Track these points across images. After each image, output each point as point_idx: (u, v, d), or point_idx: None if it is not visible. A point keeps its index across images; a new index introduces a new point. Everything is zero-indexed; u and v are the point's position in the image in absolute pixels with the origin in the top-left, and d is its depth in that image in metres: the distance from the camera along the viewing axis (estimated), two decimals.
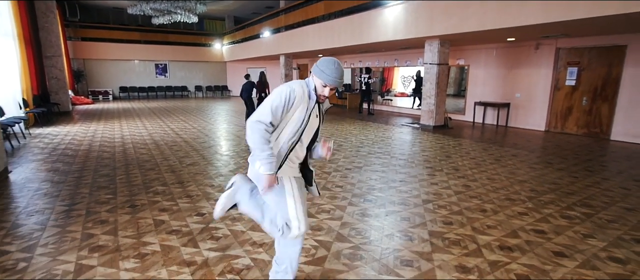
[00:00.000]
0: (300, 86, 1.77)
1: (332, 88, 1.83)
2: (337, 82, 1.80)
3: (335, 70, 1.78)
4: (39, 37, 11.17)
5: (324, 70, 1.78)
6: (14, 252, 2.61)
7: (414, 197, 3.83)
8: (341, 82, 1.82)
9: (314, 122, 1.88)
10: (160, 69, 20.70)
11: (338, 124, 9.67)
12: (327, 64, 1.79)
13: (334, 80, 1.79)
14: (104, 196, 3.83)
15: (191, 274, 2.33)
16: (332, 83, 1.79)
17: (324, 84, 1.80)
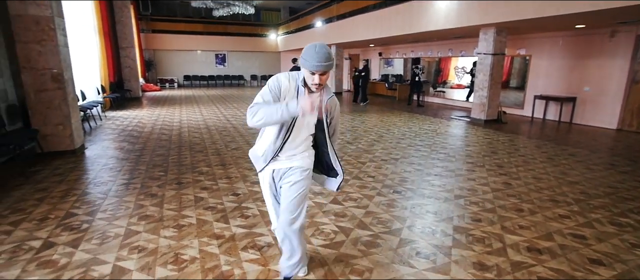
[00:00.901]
0: (285, 77, 1.81)
1: (321, 74, 1.69)
2: (319, 66, 1.65)
3: (316, 54, 1.65)
4: (116, 31, 12.50)
5: (305, 58, 1.67)
6: (80, 215, 3.09)
7: (446, 192, 3.74)
8: (326, 65, 1.65)
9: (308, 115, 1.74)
10: (219, 59, 21.97)
11: (383, 115, 9.56)
12: (307, 51, 1.68)
13: (315, 65, 1.65)
14: (157, 173, 4.29)
15: (218, 246, 2.57)
16: (314, 68, 1.66)
17: (311, 72, 1.70)
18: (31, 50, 4.71)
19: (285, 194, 1.93)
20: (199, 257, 2.42)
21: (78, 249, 2.51)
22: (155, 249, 2.52)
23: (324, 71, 1.69)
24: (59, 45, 4.83)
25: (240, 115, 9.22)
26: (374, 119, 8.85)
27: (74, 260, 2.37)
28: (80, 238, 2.67)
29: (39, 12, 4.66)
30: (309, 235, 2.76)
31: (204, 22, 21.06)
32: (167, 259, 2.40)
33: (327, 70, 1.70)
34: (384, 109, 11.00)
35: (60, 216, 3.04)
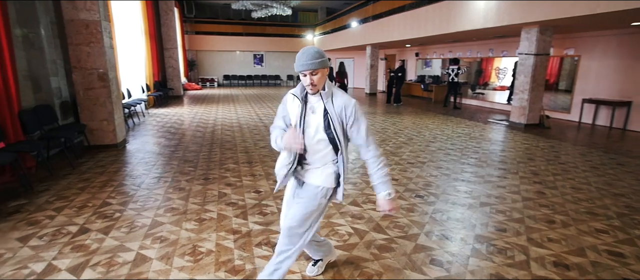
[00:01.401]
0: (291, 94, 1.83)
1: (311, 73, 1.70)
2: (304, 65, 1.67)
3: (301, 55, 1.69)
4: (161, 33, 13.26)
5: (295, 62, 1.72)
6: (114, 204, 3.32)
7: (472, 198, 3.59)
8: (310, 63, 1.67)
9: (310, 118, 1.78)
10: (257, 59, 22.55)
11: (416, 117, 9.33)
12: (297, 55, 1.72)
13: (300, 65, 1.69)
14: (187, 168, 4.51)
15: (234, 241, 2.66)
16: (300, 68, 1.69)
17: (302, 74, 1.72)
18: (81, 51, 5.14)
19: (293, 208, 1.86)
20: (214, 250, 2.52)
21: (108, 236, 2.71)
22: (176, 240, 2.66)
23: (311, 70, 1.68)
24: (104, 46, 5.23)
25: (273, 114, 9.42)
26: (405, 120, 8.67)
27: (103, 245, 2.57)
28: (111, 226, 2.88)
29: (89, 17, 5.07)
30: (324, 235, 2.78)
31: (243, 23, 21.73)
32: (185, 250, 2.52)
33: (314, 69, 1.69)
34: (418, 110, 10.73)
35: (97, 205, 3.30)
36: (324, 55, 1.72)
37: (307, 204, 1.82)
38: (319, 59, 1.69)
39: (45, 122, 4.76)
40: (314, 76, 1.71)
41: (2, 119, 3.89)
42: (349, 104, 1.77)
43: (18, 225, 2.86)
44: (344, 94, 1.80)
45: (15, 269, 2.27)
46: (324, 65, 1.72)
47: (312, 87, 1.73)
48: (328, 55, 12.26)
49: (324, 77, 1.75)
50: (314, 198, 1.83)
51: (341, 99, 1.77)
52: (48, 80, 5.16)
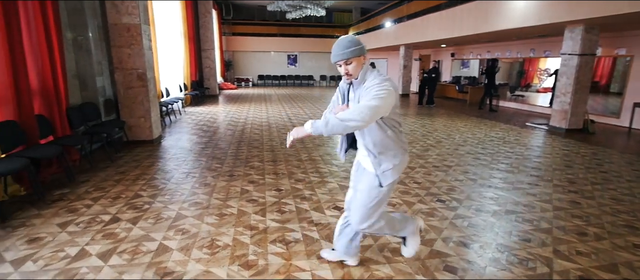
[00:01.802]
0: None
1: (345, 62, 1.75)
2: (336, 56, 1.75)
3: (335, 46, 1.77)
4: (199, 34, 13.85)
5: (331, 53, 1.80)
6: (144, 197, 3.54)
7: (498, 205, 3.44)
8: (342, 54, 1.72)
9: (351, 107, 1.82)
10: (291, 60, 22.89)
11: (448, 119, 9.05)
12: (332, 46, 1.79)
13: (333, 56, 1.77)
14: (214, 165, 4.70)
15: (250, 237, 2.75)
16: (333, 59, 1.79)
17: (337, 64, 1.80)
18: (123, 53, 5.50)
19: (353, 197, 2.07)
20: (231, 245, 2.62)
21: (136, 226, 2.90)
22: (196, 233, 2.79)
23: (343, 60, 1.73)
24: (144, 48, 5.57)
25: (302, 115, 9.54)
26: (436, 123, 8.44)
27: (131, 234, 2.75)
28: (139, 217, 3.07)
29: (130, 21, 5.42)
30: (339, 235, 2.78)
31: (278, 24, 22.14)
32: (204, 243, 2.65)
33: (347, 59, 1.72)
34: (451, 112, 10.40)
35: (129, 196, 3.53)
36: (357, 43, 1.72)
37: (365, 195, 1.95)
38: (351, 47, 1.70)
39: (90, 118, 5.15)
40: (348, 66, 1.74)
41: (51, 115, 4.26)
42: (373, 83, 1.70)
43: (59, 212, 3.13)
44: (375, 77, 1.75)
45: (53, 251, 2.49)
46: (358, 54, 1.72)
47: (347, 76, 1.78)
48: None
49: (360, 66, 1.76)
50: (369, 189, 1.94)
51: (371, 80, 1.73)
52: (94, 80, 5.57)
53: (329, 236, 2.78)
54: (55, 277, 2.19)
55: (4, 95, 3.57)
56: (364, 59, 1.79)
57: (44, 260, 2.38)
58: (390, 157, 1.88)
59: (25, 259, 2.39)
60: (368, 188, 1.95)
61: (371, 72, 1.79)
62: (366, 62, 1.82)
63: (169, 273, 2.26)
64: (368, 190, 1.95)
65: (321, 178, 4.20)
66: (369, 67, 1.82)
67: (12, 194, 3.48)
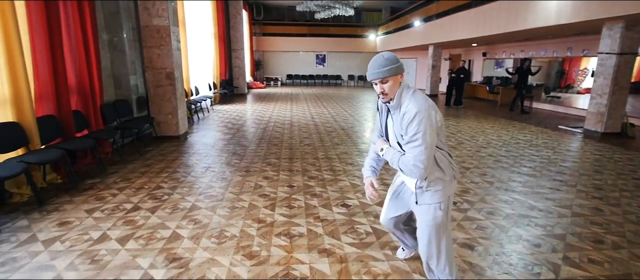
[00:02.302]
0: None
1: (381, 81, 1.67)
2: (371, 74, 1.69)
3: (371, 64, 1.70)
4: (230, 35, 14.30)
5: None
6: (165, 188, 3.77)
7: (512, 209, 3.35)
8: (378, 72, 1.65)
9: (390, 129, 1.83)
10: (320, 59, 23.04)
11: (474, 120, 8.78)
12: (369, 64, 1.73)
13: (369, 74, 1.70)
14: (234, 161, 4.89)
15: (257, 229, 2.87)
16: (370, 77, 1.71)
17: (374, 83, 1.72)
18: (153, 53, 5.85)
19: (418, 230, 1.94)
20: (237, 236, 2.75)
21: (154, 215, 3.10)
22: (207, 224, 2.95)
23: (379, 78, 1.66)
24: (172, 49, 5.88)
25: (326, 114, 9.62)
26: (461, 124, 8.22)
27: (148, 222, 2.95)
28: (158, 207, 3.29)
29: (160, 23, 5.75)
30: (342, 232, 2.85)
31: (307, 24, 22.35)
32: (213, 233, 2.80)
33: (383, 78, 1.65)
34: (479, 114, 10.08)
35: (151, 187, 3.78)
36: (394, 62, 1.65)
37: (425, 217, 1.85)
38: (387, 66, 1.64)
39: (122, 114, 5.52)
40: (384, 84, 1.67)
41: (87, 110, 4.62)
42: (411, 111, 1.62)
43: (88, 200, 3.41)
44: (413, 101, 1.65)
45: (79, 234, 2.74)
46: (395, 72, 1.65)
47: (383, 95, 1.70)
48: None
49: (397, 85, 1.69)
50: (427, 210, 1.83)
51: (406, 106, 1.66)
52: (127, 78, 5.95)
53: (333, 232, 2.84)
54: (77, 257, 2.41)
55: (45, 92, 3.93)
56: (401, 78, 1.71)
57: (70, 241, 2.63)
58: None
59: (54, 239, 2.65)
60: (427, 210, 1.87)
61: (407, 93, 1.70)
62: (403, 81, 1.73)
63: (177, 259, 2.42)
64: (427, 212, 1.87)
65: (334, 176, 4.27)
66: (406, 87, 1.73)
67: (49, 182, 3.82)
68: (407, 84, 1.75)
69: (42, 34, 3.75)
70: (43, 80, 3.86)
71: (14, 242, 2.61)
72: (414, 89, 1.75)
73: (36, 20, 3.70)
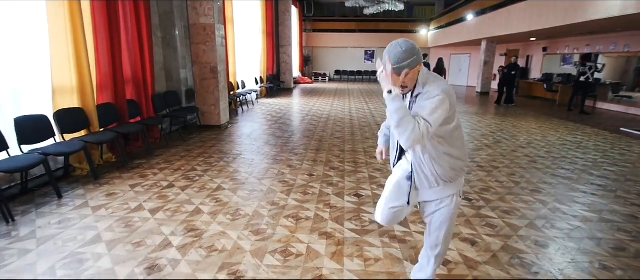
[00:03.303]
0: None
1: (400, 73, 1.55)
2: (398, 66, 1.54)
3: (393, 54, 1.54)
4: (278, 31, 14.85)
5: None
6: (198, 170, 4.19)
7: (531, 210, 3.22)
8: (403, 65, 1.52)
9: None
10: (368, 55, 22.91)
11: (522, 120, 8.24)
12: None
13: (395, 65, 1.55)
14: (264, 150, 5.21)
15: (268, 211, 3.12)
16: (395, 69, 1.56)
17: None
18: (199, 49, 6.39)
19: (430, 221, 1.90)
20: (250, 215, 3.02)
21: (183, 192, 3.50)
22: (227, 203, 3.26)
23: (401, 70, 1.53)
24: (216, 45, 6.37)
25: (365, 109, 9.67)
26: (506, 122, 7.79)
27: (178, 198, 3.35)
28: (188, 186, 3.68)
29: (206, 21, 6.25)
30: (347, 219, 2.99)
31: (357, 20, 22.32)
32: (229, 211, 3.10)
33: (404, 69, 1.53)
34: (530, 113, 9.42)
35: (187, 169, 4.21)
36: (413, 54, 1.53)
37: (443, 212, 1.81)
38: (408, 59, 1.52)
39: (171, 104, 6.12)
40: (405, 77, 1.55)
41: (140, 100, 5.23)
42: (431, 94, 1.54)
43: (133, 177, 3.93)
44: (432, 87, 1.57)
45: (121, 204, 3.20)
46: (413, 65, 1.54)
47: (403, 88, 1.60)
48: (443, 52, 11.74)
49: (416, 75, 1.59)
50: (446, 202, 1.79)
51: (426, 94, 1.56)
52: (178, 72, 6.56)
53: (338, 218, 2.99)
54: (115, 222, 2.85)
55: (105, 83, 4.54)
56: (420, 67, 1.59)
57: (112, 209, 3.09)
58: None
59: (101, 207, 3.13)
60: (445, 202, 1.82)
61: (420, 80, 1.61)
62: (422, 69, 1.62)
63: (194, 229, 2.75)
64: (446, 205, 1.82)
65: (355, 168, 4.38)
66: (424, 72, 1.63)
67: (105, 160, 4.44)
68: (426, 71, 1.65)
69: (103, 31, 4.35)
70: (103, 73, 4.47)
71: (71, 206, 3.14)
72: (435, 76, 1.67)
73: (99, 20, 4.30)
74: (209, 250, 2.47)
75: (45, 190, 3.47)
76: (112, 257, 2.35)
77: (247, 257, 2.39)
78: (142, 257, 2.36)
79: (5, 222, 2.81)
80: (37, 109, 3.74)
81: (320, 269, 2.28)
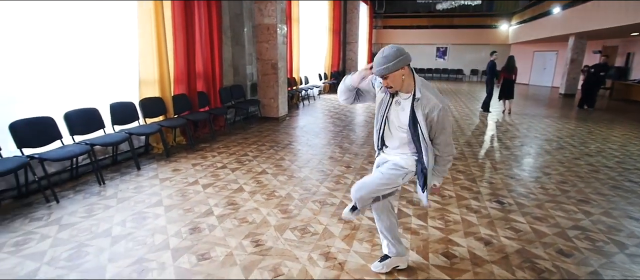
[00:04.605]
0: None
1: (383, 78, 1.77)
2: (376, 71, 1.75)
3: (375, 60, 1.75)
4: (346, 29, 15.13)
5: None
6: (249, 156, 4.72)
7: (569, 219, 3.05)
8: (378, 71, 1.73)
9: (396, 111, 1.89)
10: (440, 52, 21.95)
11: (604, 126, 7.32)
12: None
13: (374, 70, 1.77)
14: (312, 141, 5.59)
15: (299, 195, 3.46)
16: (375, 73, 1.78)
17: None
18: (262, 47, 7.00)
19: (371, 176, 2.06)
20: (283, 196, 3.40)
21: (233, 173, 4.03)
22: (266, 185, 3.69)
23: (379, 75, 1.75)
24: (278, 43, 6.91)
25: None
26: (581, 128, 7.02)
27: (226, 177, 3.88)
28: (238, 168, 4.21)
29: (269, 21, 6.83)
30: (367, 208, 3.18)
31: (429, 16, 21.53)
32: (266, 191, 3.52)
33: (384, 74, 1.73)
34: (620, 118, 8.29)
35: (240, 154, 4.78)
36: (395, 57, 1.70)
37: (383, 174, 1.97)
38: (385, 64, 1.70)
39: (237, 96, 6.83)
40: (386, 80, 1.76)
41: (208, 92, 5.98)
42: (435, 108, 1.78)
43: (196, 157, 4.60)
44: (432, 98, 1.79)
45: (182, 178, 3.83)
46: (395, 69, 1.71)
47: (388, 89, 1.82)
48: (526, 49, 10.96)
49: (399, 77, 1.76)
50: (393, 170, 1.96)
51: (429, 103, 1.78)
52: (245, 68, 7.28)
53: None
54: (174, 192, 3.46)
55: (181, 76, 5.33)
56: (405, 70, 1.77)
57: (175, 182, 3.73)
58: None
59: (166, 179, 3.80)
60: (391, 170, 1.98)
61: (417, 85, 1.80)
62: (408, 72, 1.80)
63: (234, 204, 3.21)
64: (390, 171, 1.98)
65: None
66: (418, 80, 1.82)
67: (177, 142, 5.23)
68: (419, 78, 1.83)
69: (181, 31, 5.10)
70: (180, 68, 5.25)
71: (145, 177, 3.86)
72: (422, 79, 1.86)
73: (178, 20, 5.04)
74: (241, 221, 2.90)
75: (129, 163, 4.29)
76: (167, 218, 2.92)
77: (270, 230, 2.77)
78: (189, 220, 2.89)
79: (98, 184, 3.61)
80: (125, 97, 4.58)
81: (330, 247, 2.54)
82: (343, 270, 2.27)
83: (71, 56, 3.93)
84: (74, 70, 3.99)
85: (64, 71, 3.90)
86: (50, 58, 3.75)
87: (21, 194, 3.26)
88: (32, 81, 3.66)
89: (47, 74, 3.75)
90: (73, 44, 3.94)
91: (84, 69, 4.10)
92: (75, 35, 3.94)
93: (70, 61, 3.94)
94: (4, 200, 3.15)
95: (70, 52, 3.91)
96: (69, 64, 3.92)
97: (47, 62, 3.73)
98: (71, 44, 3.91)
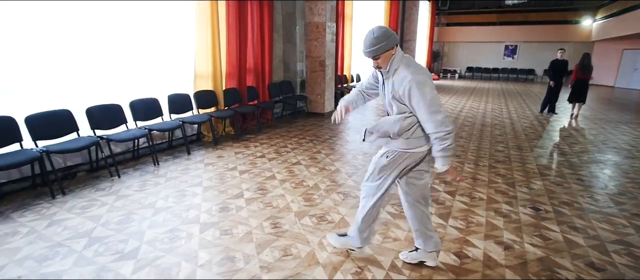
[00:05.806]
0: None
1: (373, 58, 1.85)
2: (368, 52, 1.84)
3: (363, 42, 1.86)
4: (403, 27, 14.82)
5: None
6: (287, 148, 4.96)
7: (613, 233, 2.76)
8: (367, 52, 1.83)
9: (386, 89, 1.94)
10: (509, 51, 20.38)
11: None
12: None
13: (363, 53, 1.87)
14: (353, 137, 5.67)
15: (326, 185, 3.60)
16: (364, 55, 1.89)
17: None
18: (312, 45, 7.23)
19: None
20: (309, 186, 3.57)
21: (269, 162, 4.30)
22: (297, 175, 3.89)
23: (368, 57, 1.86)
24: (326, 41, 7.09)
25: (504, 112, 8.98)
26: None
27: (263, 166, 4.16)
28: (275, 158, 4.48)
29: (319, 20, 7.03)
30: (390, 203, 3.22)
31: (498, 12, 20.07)
32: (296, 180, 3.71)
33: (374, 56, 1.83)
34: None
35: (280, 146, 5.05)
36: (384, 39, 1.79)
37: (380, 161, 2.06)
38: (375, 46, 1.80)
39: (285, 92, 7.16)
40: (376, 60, 1.86)
41: (258, 86, 6.37)
42: (404, 80, 1.79)
43: (240, 147, 4.97)
44: (404, 70, 1.81)
45: (223, 164, 4.20)
46: (383, 50, 1.80)
47: (378, 69, 1.92)
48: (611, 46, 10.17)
49: (389, 57, 1.84)
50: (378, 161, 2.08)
51: (399, 75, 1.82)
52: (295, 65, 7.59)
53: None
54: (214, 175, 3.82)
55: (232, 71, 5.77)
56: (394, 51, 1.84)
57: (217, 167, 4.11)
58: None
59: (210, 164, 4.19)
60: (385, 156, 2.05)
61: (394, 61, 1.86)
62: (396, 52, 1.87)
63: (263, 189, 3.47)
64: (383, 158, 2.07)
65: None
66: (398, 55, 1.87)
67: (226, 132, 5.68)
68: (401, 53, 1.89)
69: (234, 29, 5.51)
70: (231, 63, 5.69)
71: (193, 161, 4.31)
72: (407, 56, 1.90)
73: (231, 19, 5.45)
74: (266, 205, 3.13)
75: (182, 148, 4.81)
76: (203, 196, 3.26)
77: (290, 215, 2.95)
78: (221, 200, 3.20)
79: (153, 164, 4.13)
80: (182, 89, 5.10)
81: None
82: (348, 258, 2.36)
83: (137, 53, 4.52)
84: (140, 65, 4.58)
85: (132, 66, 4.49)
86: (121, 55, 4.35)
87: (92, 168, 3.87)
88: (106, 74, 4.29)
89: (118, 68, 4.37)
90: (138, 42, 4.52)
91: (148, 63, 4.68)
92: (139, 34, 4.51)
93: (137, 57, 4.52)
94: (79, 172, 3.77)
95: (136, 50, 4.50)
96: (135, 59, 4.51)
97: (117, 59, 4.33)
98: (137, 42, 4.50)
